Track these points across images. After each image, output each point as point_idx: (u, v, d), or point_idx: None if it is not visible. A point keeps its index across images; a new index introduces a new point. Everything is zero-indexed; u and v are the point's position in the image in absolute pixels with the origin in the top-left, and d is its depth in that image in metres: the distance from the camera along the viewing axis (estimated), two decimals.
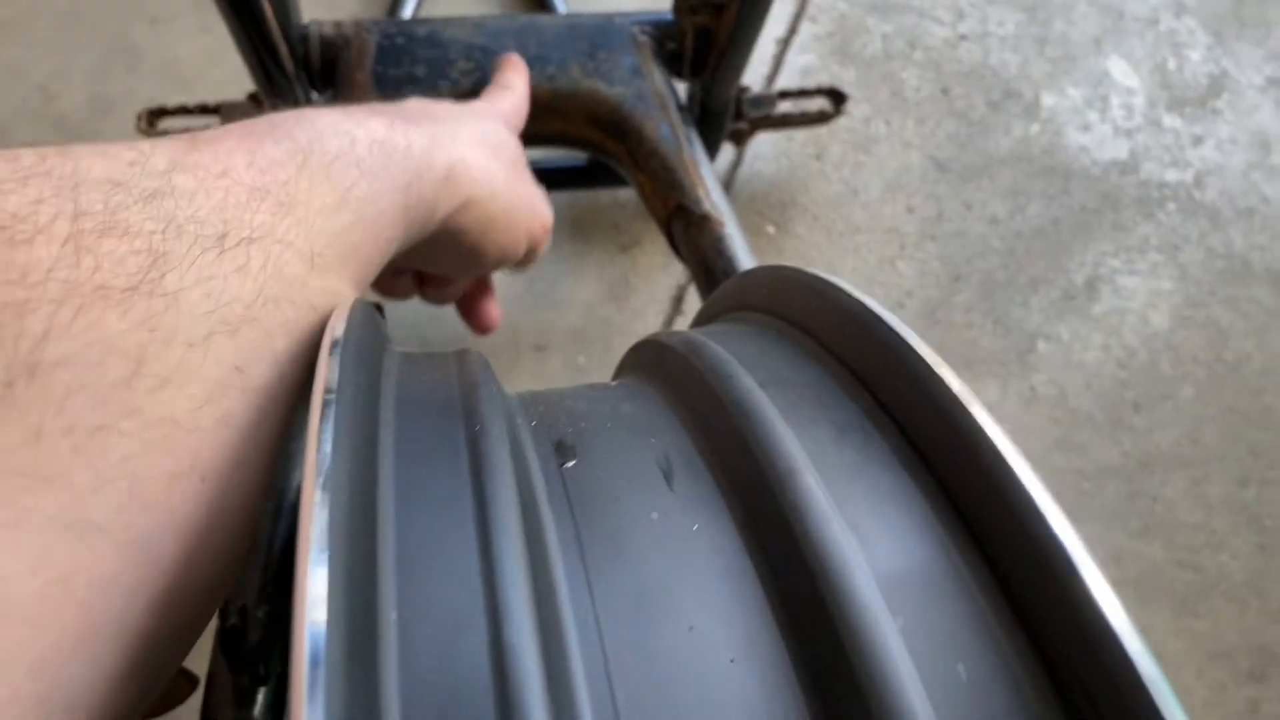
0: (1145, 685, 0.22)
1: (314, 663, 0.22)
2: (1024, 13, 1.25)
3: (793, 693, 0.25)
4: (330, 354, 0.32)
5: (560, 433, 0.35)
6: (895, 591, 0.26)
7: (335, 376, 0.30)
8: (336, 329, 0.34)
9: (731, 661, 0.26)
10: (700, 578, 0.28)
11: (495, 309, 0.68)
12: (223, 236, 0.31)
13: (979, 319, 1.04)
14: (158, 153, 0.31)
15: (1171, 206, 1.13)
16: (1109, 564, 0.93)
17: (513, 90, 0.66)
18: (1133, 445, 0.99)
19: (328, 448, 0.27)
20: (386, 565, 0.26)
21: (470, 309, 0.67)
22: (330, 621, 0.23)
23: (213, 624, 0.56)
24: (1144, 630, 0.77)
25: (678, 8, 0.79)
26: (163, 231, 0.29)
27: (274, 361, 0.33)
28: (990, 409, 0.89)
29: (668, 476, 0.32)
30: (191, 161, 0.32)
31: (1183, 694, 0.86)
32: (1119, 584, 0.88)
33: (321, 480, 0.26)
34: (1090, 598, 0.24)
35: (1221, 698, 0.90)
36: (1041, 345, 1.04)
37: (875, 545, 0.27)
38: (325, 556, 0.24)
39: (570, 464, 0.33)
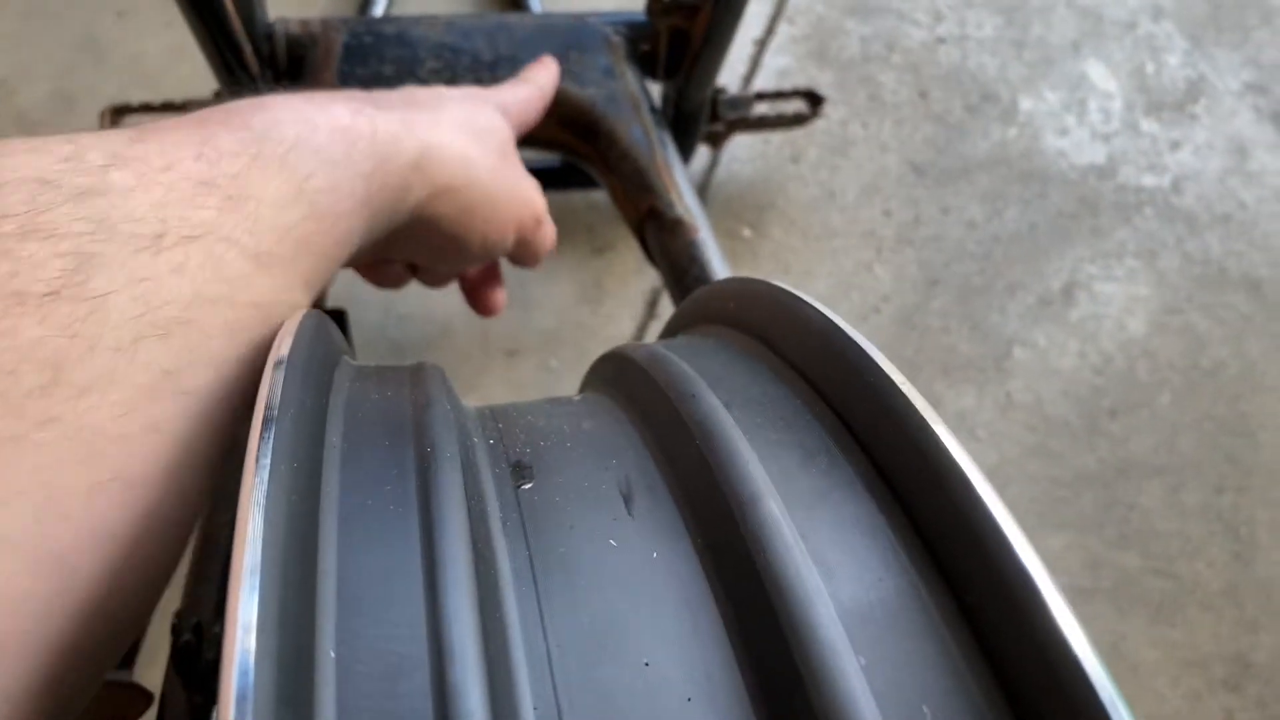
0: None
1: (241, 699, 0.20)
2: (1002, 16, 1.24)
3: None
4: (274, 370, 0.30)
5: (519, 453, 0.33)
6: (859, 627, 0.25)
7: (278, 394, 0.29)
8: (283, 345, 0.32)
9: (689, 700, 0.25)
10: (658, 610, 0.27)
11: (501, 295, 0.66)
12: (160, 236, 0.30)
13: (956, 324, 1.04)
14: (96, 147, 0.30)
15: (1149, 211, 1.13)
16: (1084, 572, 0.93)
17: (529, 84, 0.64)
18: (1109, 452, 0.99)
19: (265, 471, 0.26)
20: (326, 598, 0.25)
21: (475, 294, 0.65)
22: (258, 658, 0.21)
23: (168, 639, 0.55)
24: (1119, 639, 0.76)
25: (651, 9, 0.78)
26: (93, 232, 0.28)
27: (211, 365, 0.32)
28: (965, 415, 0.87)
29: (627, 501, 0.31)
30: (133, 155, 0.31)
31: (1157, 703, 0.86)
32: (1094, 593, 0.87)
33: (257, 504, 0.25)
34: (1060, 636, 0.23)
35: (1197, 707, 0.89)
36: (1018, 351, 1.03)
37: (839, 577, 0.26)
38: (256, 590, 0.23)
39: (527, 485, 0.31)
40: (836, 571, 0.26)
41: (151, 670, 0.70)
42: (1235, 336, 1.06)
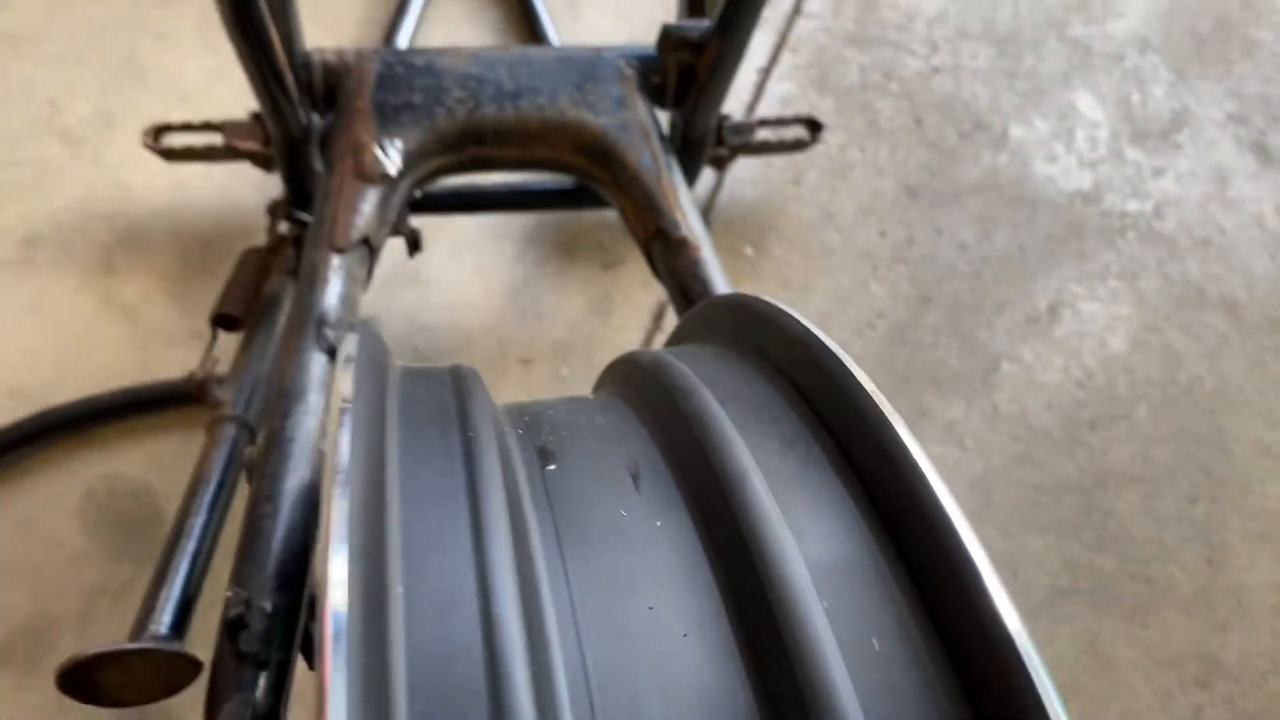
0: (1026, 664, 0.27)
1: (336, 635, 0.26)
2: (995, 47, 1.30)
3: (735, 663, 0.30)
4: (344, 368, 0.37)
5: (543, 440, 0.39)
6: (824, 579, 0.31)
7: (350, 388, 0.35)
8: (349, 346, 0.38)
9: (685, 636, 0.31)
10: (661, 566, 0.33)
11: None
12: None
13: (946, 340, 1.09)
14: None
15: (1132, 235, 1.19)
16: (1063, 573, 0.98)
17: None
18: (1089, 462, 1.05)
19: (345, 451, 0.32)
20: (394, 552, 0.31)
21: None
22: (349, 599, 0.27)
23: (218, 612, 0.61)
24: (1095, 637, 0.83)
25: (661, 45, 0.84)
26: None
27: None
28: (954, 425, 0.94)
29: (636, 480, 0.37)
30: None
31: (1130, 699, 0.91)
32: (1072, 593, 0.93)
33: (340, 479, 0.31)
34: (986, 593, 0.29)
35: (1168, 703, 0.95)
36: (1005, 365, 1.09)
37: (809, 540, 0.32)
38: (345, 545, 0.29)
39: (551, 468, 0.37)
40: (807, 535, 0.32)
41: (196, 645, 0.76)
42: (1212, 354, 1.12)
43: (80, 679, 0.56)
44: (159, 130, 1.00)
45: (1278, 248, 1.19)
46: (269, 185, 1.02)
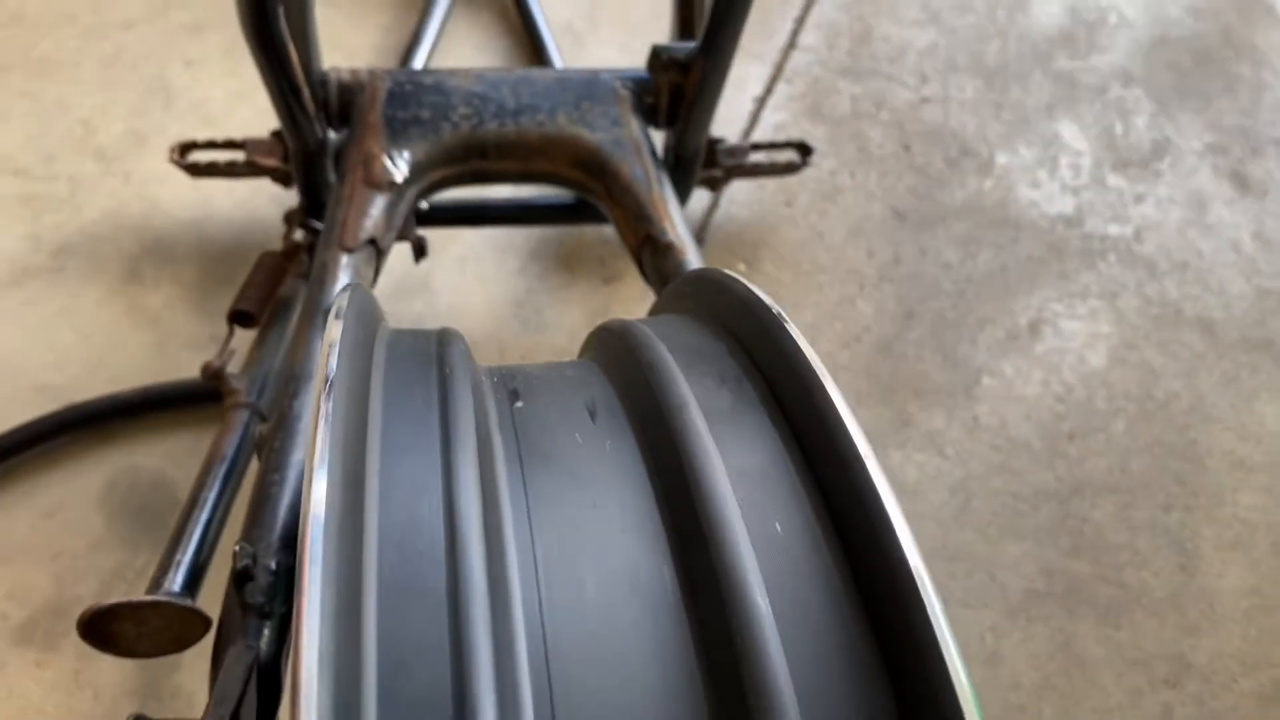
0: (901, 543, 0.32)
1: (316, 522, 0.31)
2: (983, 79, 1.36)
3: (662, 549, 0.35)
4: (336, 317, 0.42)
5: (514, 385, 0.45)
6: (741, 480, 0.36)
7: (339, 332, 0.40)
8: (342, 299, 0.44)
9: (623, 530, 0.36)
10: (607, 476, 0.38)
11: None
12: None
13: (929, 354, 1.14)
14: None
15: (1112, 258, 1.23)
16: (1039, 577, 1.02)
17: None
18: (1066, 471, 1.09)
19: (333, 367, 0.37)
20: (373, 454, 0.36)
21: None
22: (329, 485, 0.32)
23: (227, 567, 0.66)
24: (1069, 638, 0.88)
25: (651, 65, 0.90)
26: None
27: None
28: (935, 435, 0.99)
29: (592, 414, 0.42)
30: None
31: (1101, 697, 0.95)
32: (1047, 596, 0.97)
33: (328, 391, 0.36)
34: (871, 485, 0.34)
35: (1139, 701, 0.98)
36: (986, 379, 1.13)
37: (731, 452, 0.37)
38: (327, 449, 0.34)
39: (519, 404, 0.43)
40: (730, 450, 0.37)
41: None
42: (1187, 371, 1.16)
43: (99, 628, 0.61)
44: (185, 147, 1.07)
45: (1253, 271, 1.24)
46: (287, 200, 1.09)
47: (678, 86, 0.90)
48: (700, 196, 1.17)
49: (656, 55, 0.89)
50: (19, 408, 1.00)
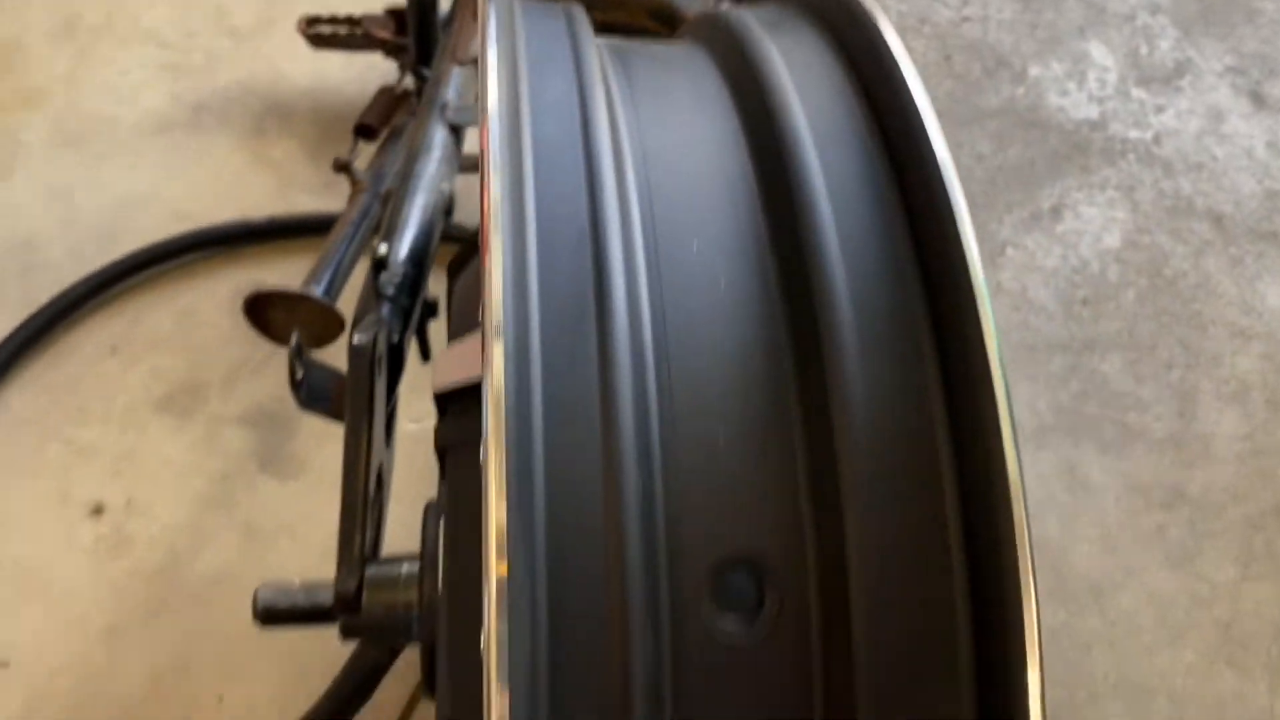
0: (944, 169, 0.45)
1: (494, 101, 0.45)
2: (1020, 2, 1.49)
3: (749, 188, 0.48)
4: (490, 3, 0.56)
5: (624, 53, 0.58)
6: (817, 126, 0.49)
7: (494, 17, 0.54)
8: None
9: (714, 148, 0.49)
10: (697, 103, 0.52)
11: None
12: None
13: None
14: None
15: (1132, 157, 1.35)
16: (1048, 413, 1.14)
17: None
18: (1079, 330, 1.20)
19: (493, 54, 0.51)
20: (524, 73, 0.50)
21: None
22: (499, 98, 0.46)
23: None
24: (1074, 464, 1.05)
25: None
26: None
27: None
28: None
29: (694, 76, 0.55)
30: None
31: (1100, 514, 1.06)
32: (1054, 429, 1.09)
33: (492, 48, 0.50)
34: (926, 135, 0.47)
35: (1134, 520, 1.09)
36: (1010, 251, 1.26)
37: (816, 122, 0.50)
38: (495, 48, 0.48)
39: (630, 65, 0.56)
40: (817, 123, 0.50)
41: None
42: (1196, 254, 1.27)
43: (258, 309, 0.76)
44: (311, 20, 1.24)
45: (1265, 175, 1.35)
46: (395, 77, 1.24)
47: None
48: None
49: None
50: (163, 229, 1.17)
